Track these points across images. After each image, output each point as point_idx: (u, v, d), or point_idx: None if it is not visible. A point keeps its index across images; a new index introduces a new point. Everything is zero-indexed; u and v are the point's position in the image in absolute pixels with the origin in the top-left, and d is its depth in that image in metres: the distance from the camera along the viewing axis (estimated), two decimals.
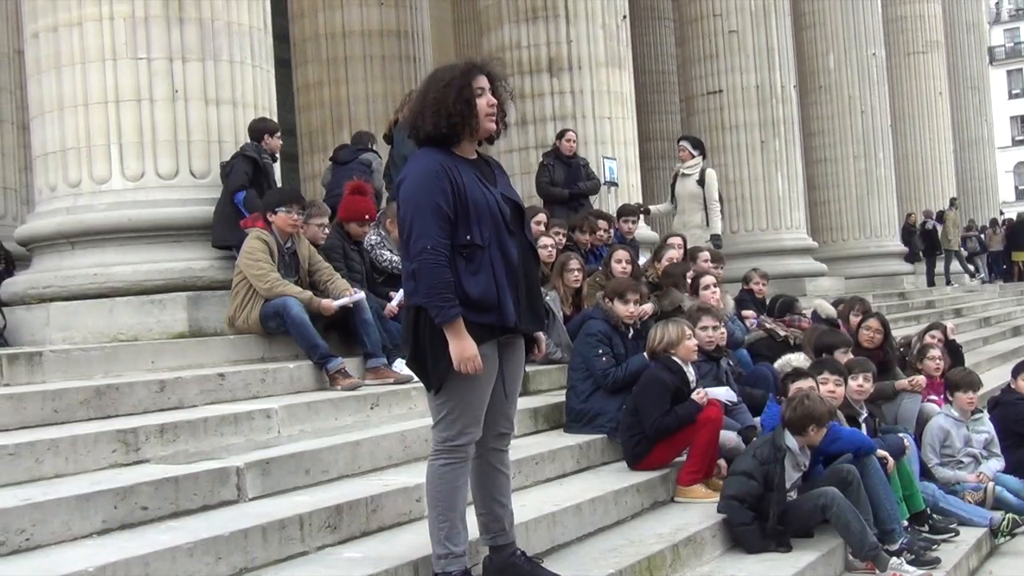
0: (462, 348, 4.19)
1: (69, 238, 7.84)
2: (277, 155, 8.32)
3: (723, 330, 7.83)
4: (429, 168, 4.31)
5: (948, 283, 25.13)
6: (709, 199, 12.93)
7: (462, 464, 4.39)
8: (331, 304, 7.31)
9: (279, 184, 8.23)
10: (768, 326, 9.15)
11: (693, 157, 13.23)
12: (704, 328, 7.49)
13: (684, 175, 13.12)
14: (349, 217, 8.33)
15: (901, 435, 7.50)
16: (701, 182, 12.96)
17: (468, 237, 4.26)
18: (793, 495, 6.31)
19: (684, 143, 13.53)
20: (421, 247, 4.20)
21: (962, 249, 26.31)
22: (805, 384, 6.83)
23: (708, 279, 8.81)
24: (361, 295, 7.51)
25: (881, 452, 6.86)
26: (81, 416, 5.67)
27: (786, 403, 6.54)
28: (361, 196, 8.50)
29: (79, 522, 4.45)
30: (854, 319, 9.40)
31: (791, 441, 6.30)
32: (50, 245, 7.98)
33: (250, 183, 7.81)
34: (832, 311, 9.78)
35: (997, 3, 76.46)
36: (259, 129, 8.09)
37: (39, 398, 5.59)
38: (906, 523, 6.93)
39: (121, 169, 7.74)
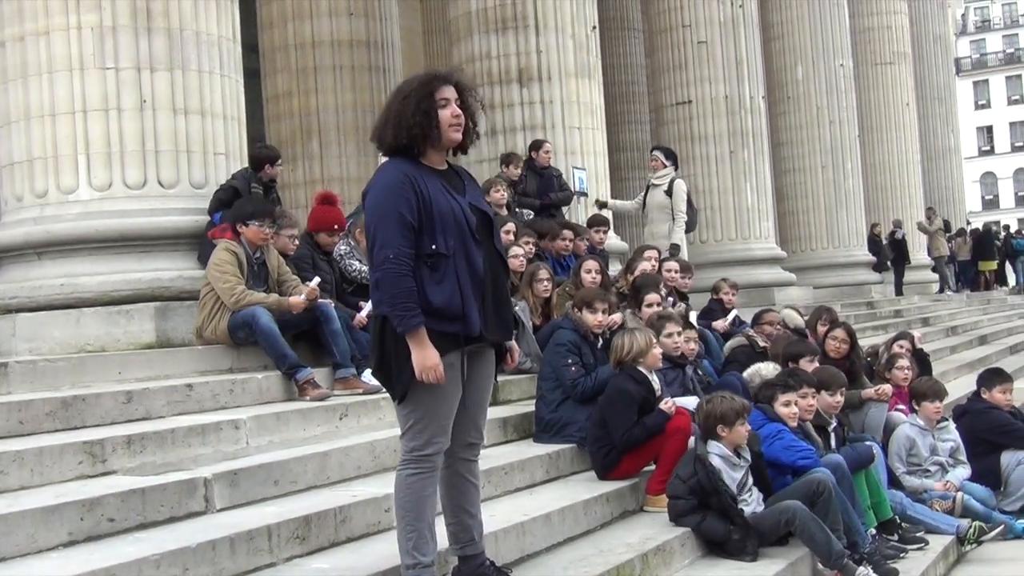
0: (423, 357, 4.20)
1: (36, 248, 7.80)
2: (277, 181, 8.41)
3: (694, 336, 7.88)
4: (393, 178, 4.33)
5: (942, 290, 25.60)
6: (675, 210, 12.96)
7: (430, 474, 4.39)
8: (298, 300, 7.29)
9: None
10: (749, 334, 9.21)
11: (664, 167, 13.27)
12: (669, 335, 7.51)
13: (654, 185, 13.17)
14: (318, 227, 8.32)
15: (868, 443, 7.55)
16: (669, 192, 13.00)
17: (433, 247, 4.28)
18: (755, 507, 6.34)
19: (656, 153, 13.57)
20: (384, 256, 4.23)
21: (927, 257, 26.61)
22: (792, 396, 6.91)
23: (652, 296, 8.52)
24: (318, 279, 7.54)
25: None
26: (47, 427, 5.63)
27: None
28: (331, 206, 8.49)
29: (44, 534, 4.42)
30: (821, 328, 9.46)
31: (713, 447, 6.36)
32: (17, 255, 7.94)
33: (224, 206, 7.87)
34: (800, 321, 9.83)
35: (963, 15, 77.24)
36: (260, 158, 8.36)
37: (4, 409, 5.54)
38: (874, 531, 6.98)
39: (88, 179, 7.70)
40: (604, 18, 17.68)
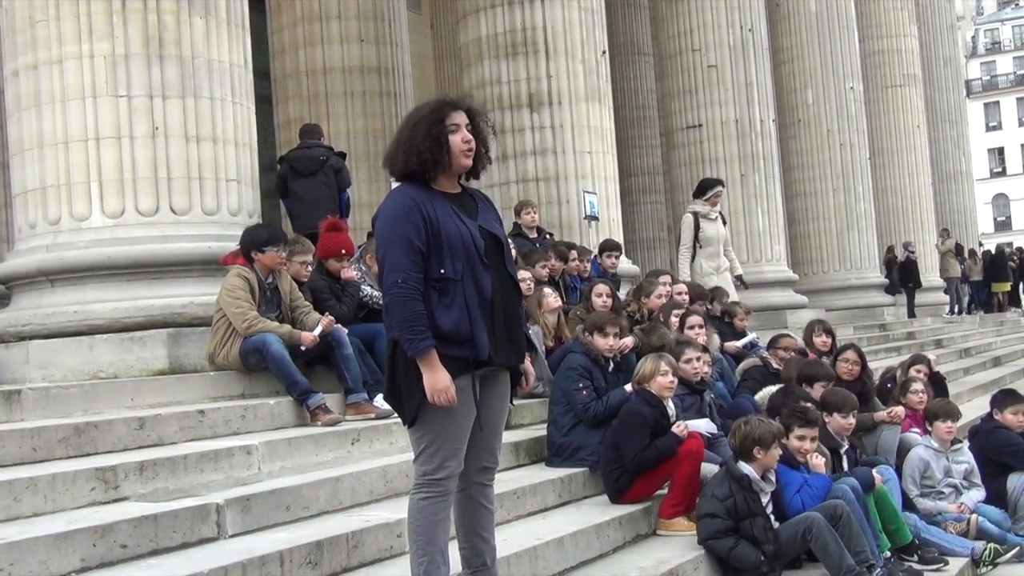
0: (435, 380, 4.21)
1: (49, 275, 7.82)
2: None
3: (708, 360, 7.87)
4: (401, 204, 4.37)
5: (962, 311, 25.52)
6: (726, 243, 12.86)
7: (442, 498, 4.39)
8: (310, 336, 7.32)
9: None
10: (763, 355, 9.21)
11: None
12: (688, 360, 7.50)
13: (708, 219, 12.89)
14: (327, 254, 8.36)
15: (881, 466, 7.51)
16: (724, 223, 12.88)
17: (441, 271, 4.30)
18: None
19: (721, 188, 13.22)
20: (392, 281, 4.26)
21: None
22: (809, 431, 6.84)
23: (694, 319, 8.86)
24: (331, 318, 7.55)
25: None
26: (60, 454, 5.64)
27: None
28: (337, 232, 8.53)
29: (57, 561, 4.42)
30: (817, 339, 9.45)
31: (745, 468, 6.34)
32: (30, 283, 7.96)
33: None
34: (800, 342, 9.78)
35: (973, 37, 77.39)
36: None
37: (17, 436, 5.56)
38: (888, 554, 6.93)
39: (101, 206, 7.73)
40: (614, 43, 17.78)
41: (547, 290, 8.86)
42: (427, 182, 4.45)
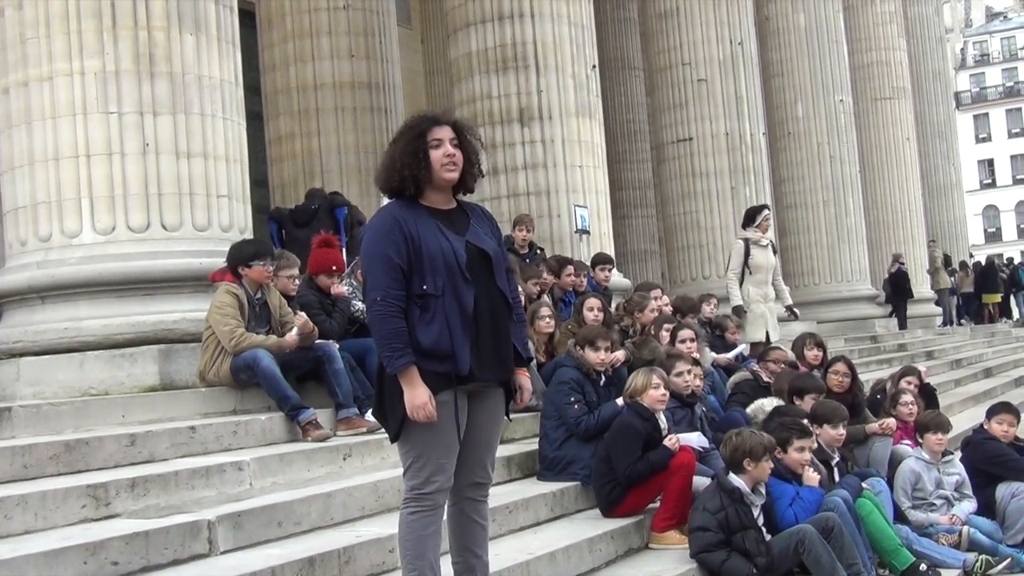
0: (413, 396, 4.24)
1: (40, 292, 7.82)
2: None
3: (699, 373, 7.87)
4: (383, 222, 4.42)
5: (953, 323, 25.57)
6: (776, 270, 12.69)
7: (430, 512, 4.40)
8: (292, 336, 7.32)
9: None
10: (754, 369, 9.22)
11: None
12: (679, 374, 7.51)
13: (759, 245, 12.39)
14: (317, 270, 8.35)
15: (873, 479, 7.52)
16: (775, 251, 12.67)
17: (423, 287, 4.32)
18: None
19: (768, 212, 12.79)
20: (372, 299, 4.32)
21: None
22: (807, 443, 6.84)
23: (686, 332, 8.88)
24: (304, 315, 7.56)
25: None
26: (51, 471, 5.64)
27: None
28: (329, 248, 8.54)
29: None
30: (809, 352, 9.46)
31: (736, 481, 6.34)
32: (20, 300, 7.96)
33: None
34: (791, 355, 9.79)
35: (962, 49, 77.72)
36: None
37: (8, 454, 5.56)
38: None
39: (92, 223, 7.74)
40: (604, 58, 17.82)
41: (544, 311, 8.84)
42: (414, 198, 4.47)
